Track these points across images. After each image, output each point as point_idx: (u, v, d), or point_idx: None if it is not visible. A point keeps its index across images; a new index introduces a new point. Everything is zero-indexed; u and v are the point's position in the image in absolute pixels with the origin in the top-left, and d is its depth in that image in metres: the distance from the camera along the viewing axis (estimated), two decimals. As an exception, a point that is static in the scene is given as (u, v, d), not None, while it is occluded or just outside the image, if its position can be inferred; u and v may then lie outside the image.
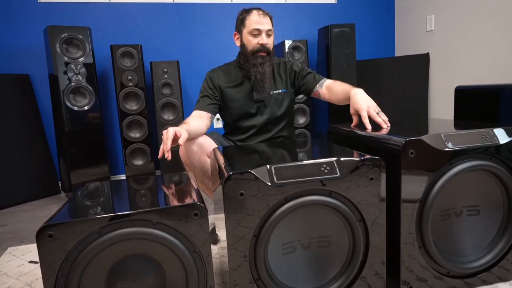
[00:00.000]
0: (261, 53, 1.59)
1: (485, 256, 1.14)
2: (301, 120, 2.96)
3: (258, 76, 1.60)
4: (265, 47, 1.59)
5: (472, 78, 2.68)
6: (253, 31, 1.58)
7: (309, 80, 1.66)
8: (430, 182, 1.06)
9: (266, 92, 1.63)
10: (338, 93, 1.56)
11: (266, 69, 1.59)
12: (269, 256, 0.98)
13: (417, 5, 3.18)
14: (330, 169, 0.99)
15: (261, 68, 1.59)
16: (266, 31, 1.59)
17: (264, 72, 1.59)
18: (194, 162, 1.50)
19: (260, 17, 1.58)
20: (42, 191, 2.66)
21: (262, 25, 1.58)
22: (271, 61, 1.63)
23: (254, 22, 1.58)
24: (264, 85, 1.61)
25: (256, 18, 1.58)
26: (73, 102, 2.46)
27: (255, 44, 1.59)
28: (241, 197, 0.93)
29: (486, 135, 1.10)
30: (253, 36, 1.59)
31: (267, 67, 1.60)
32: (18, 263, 1.54)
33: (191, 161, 1.50)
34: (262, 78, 1.60)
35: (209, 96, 1.64)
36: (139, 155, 2.74)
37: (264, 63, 1.59)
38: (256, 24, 1.57)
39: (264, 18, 1.59)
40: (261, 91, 1.62)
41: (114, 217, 0.84)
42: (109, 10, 2.88)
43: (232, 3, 3.08)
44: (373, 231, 1.03)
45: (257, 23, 1.58)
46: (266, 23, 1.59)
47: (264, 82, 1.60)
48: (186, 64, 3.05)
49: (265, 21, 1.59)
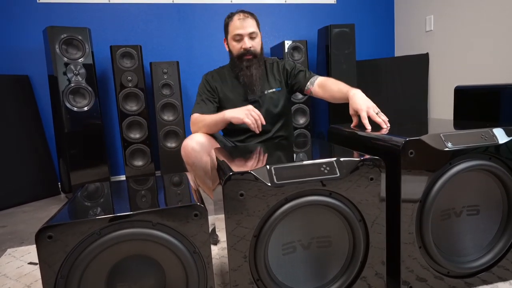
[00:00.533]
0: (246, 56, 1.59)
1: (485, 256, 1.14)
2: (301, 120, 2.96)
3: (246, 79, 1.61)
4: (250, 51, 1.59)
5: (472, 78, 2.68)
6: (235, 36, 1.60)
7: (300, 78, 1.66)
8: (430, 182, 1.06)
9: (256, 94, 1.64)
10: (333, 92, 1.55)
11: (253, 72, 1.60)
12: (269, 257, 0.98)
13: (416, 5, 3.18)
14: (330, 169, 0.99)
15: (248, 71, 1.60)
16: (248, 34, 1.58)
17: (251, 75, 1.60)
18: (195, 162, 1.50)
19: (240, 21, 1.58)
20: (42, 192, 2.66)
21: (243, 30, 1.57)
22: (259, 62, 1.63)
23: (235, 28, 1.59)
24: (254, 88, 1.62)
25: (237, 23, 1.58)
26: (73, 103, 2.46)
27: (239, 49, 1.60)
28: (241, 197, 0.93)
29: (486, 135, 1.10)
30: (236, 41, 1.61)
31: (255, 69, 1.60)
32: (18, 265, 1.54)
33: (192, 161, 1.51)
34: (250, 81, 1.61)
35: (210, 99, 1.65)
36: (139, 155, 2.74)
37: (251, 66, 1.59)
38: (237, 29, 1.58)
39: (245, 21, 1.58)
40: (252, 94, 1.63)
41: (114, 218, 0.84)
42: (109, 10, 2.88)
43: (232, 3, 3.08)
44: (373, 231, 1.03)
45: (238, 28, 1.58)
46: (247, 27, 1.58)
47: (253, 85, 1.61)
48: (186, 64, 3.05)
49: (247, 24, 1.58)
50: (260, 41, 1.65)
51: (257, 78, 1.62)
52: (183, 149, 1.52)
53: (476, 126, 1.16)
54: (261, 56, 1.65)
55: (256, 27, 1.61)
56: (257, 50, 1.61)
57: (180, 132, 2.78)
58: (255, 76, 1.61)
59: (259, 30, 1.65)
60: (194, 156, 1.50)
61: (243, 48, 1.59)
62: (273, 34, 3.22)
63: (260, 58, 1.64)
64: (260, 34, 1.65)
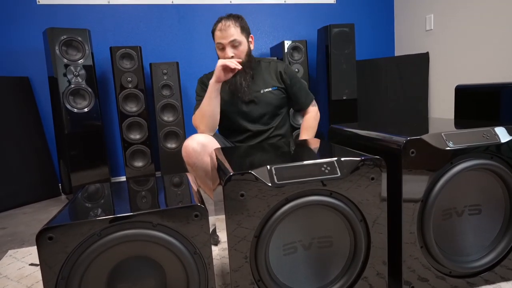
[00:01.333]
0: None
1: (487, 256, 1.14)
2: (301, 120, 2.95)
3: (232, 87, 1.63)
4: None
5: (472, 77, 2.67)
6: (218, 45, 1.61)
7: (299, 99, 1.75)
8: (431, 182, 1.06)
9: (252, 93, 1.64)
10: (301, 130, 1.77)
11: (237, 80, 1.60)
12: (270, 257, 0.98)
13: (416, 4, 3.18)
14: (331, 169, 0.98)
15: (233, 79, 1.60)
16: (228, 43, 1.57)
17: (235, 83, 1.61)
18: (196, 162, 1.50)
19: (221, 31, 1.57)
20: (42, 193, 2.66)
21: (223, 39, 1.57)
22: (245, 70, 1.61)
23: (217, 37, 1.59)
24: (239, 95, 1.62)
25: (218, 33, 1.59)
26: (73, 104, 2.46)
27: (222, 57, 1.60)
28: (241, 198, 0.93)
29: (487, 134, 1.10)
30: (219, 50, 1.62)
31: (239, 78, 1.60)
32: (19, 266, 1.54)
33: (193, 162, 1.51)
34: (236, 89, 1.62)
35: None
36: (139, 156, 2.74)
37: (236, 75, 1.59)
38: (218, 39, 1.59)
39: (226, 31, 1.56)
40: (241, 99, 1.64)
41: (115, 219, 0.84)
42: (109, 12, 2.88)
43: (231, 4, 3.08)
44: (375, 231, 1.02)
45: (219, 38, 1.58)
46: (228, 35, 1.56)
47: (239, 92, 1.61)
48: (186, 65, 3.05)
49: (227, 33, 1.56)
50: (246, 47, 1.62)
51: (242, 85, 1.61)
52: (184, 149, 1.52)
53: (477, 125, 1.16)
54: (247, 63, 1.62)
55: (239, 34, 1.59)
56: (241, 56, 1.60)
57: (180, 132, 2.78)
58: (239, 84, 1.61)
59: (245, 35, 1.63)
60: (195, 157, 1.49)
61: (226, 57, 1.58)
62: (273, 34, 3.22)
63: (246, 65, 1.61)
64: (244, 41, 1.62)
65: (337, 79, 2.82)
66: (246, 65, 1.62)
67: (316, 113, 1.79)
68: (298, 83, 1.74)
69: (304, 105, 1.76)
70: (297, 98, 1.74)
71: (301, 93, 1.74)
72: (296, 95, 1.73)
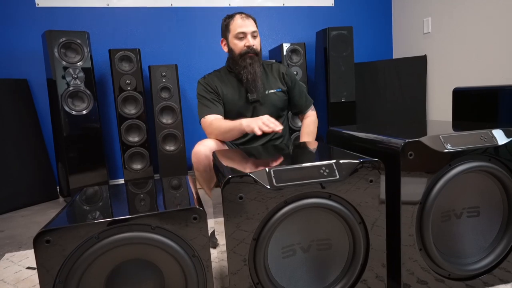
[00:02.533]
0: (250, 54, 1.61)
1: (486, 258, 1.14)
2: (300, 122, 2.95)
3: (250, 76, 1.61)
4: (252, 48, 1.61)
5: (470, 80, 2.68)
6: (238, 34, 1.61)
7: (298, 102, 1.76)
8: (429, 184, 1.06)
9: (259, 91, 1.64)
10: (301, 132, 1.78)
11: (256, 69, 1.61)
12: (269, 260, 0.98)
13: (414, 7, 3.19)
14: (330, 172, 0.98)
15: (251, 68, 1.60)
16: (251, 33, 1.61)
17: (254, 72, 1.61)
18: (207, 168, 1.50)
19: (243, 20, 1.60)
20: (40, 196, 2.65)
21: (246, 28, 1.60)
22: (260, 61, 1.66)
23: (238, 26, 1.60)
24: (257, 84, 1.62)
25: (240, 22, 1.60)
26: (71, 107, 2.46)
27: (242, 47, 1.61)
28: (240, 200, 0.92)
29: (485, 136, 1.10)
30: (238, 39, 1.62)
31: (257, 67, 1.62)
32: (16, 269, 1.53)
33: (204, 168, 1.50)
34: (253, 78, 1.61)
35: (215, 99, 1.63)
36: (137, 159, 2.73)
37: (254, 64, 1.61)
38: (240, 28, 1.60)
39: (248, 20, 1.61)
40: (255, 91, 1.64)
41: (113, 222, 0.84)
42: (108, 14, 2.88)
43: (230, 6, 3.09)
44: (373, 233, 1.02)
45: (241, 26, 1.60)
46: (250, 25, 1.61)
47: (256, 81, 1.62)
48: (185, 67, 3.05)
49: (249, 23, 1.61)
50: (259, 42, 1.67)
51: (260, 76, 1.64)
52: (195, 155, 1.51)
53: (475, 127, 1.16)
54: (260, 56, 1.67)
55: (256, 27, 1.64)
56: (258, 49, 1.64)
57: (179, 135, 2.77)
58: (258, 74, 1.62)
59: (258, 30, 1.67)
60: (206, 164, 1.49)
61: (247, 45, 1.60)
62: (272, 37, 3.22)
63: (260, 58, 1.67)
64: (259, 35, 1.67)
65: (335, 81, 2.83)
66: (260, 58, 1.66)
67: (315, 117, 1.80)
68: (298, 86, 1.75)
69: (304, 108, 1.77)
70: (297, 101, 1.75)
71: (301, 96, 1.75)
72: (296, 98, 1.74)
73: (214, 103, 1.63)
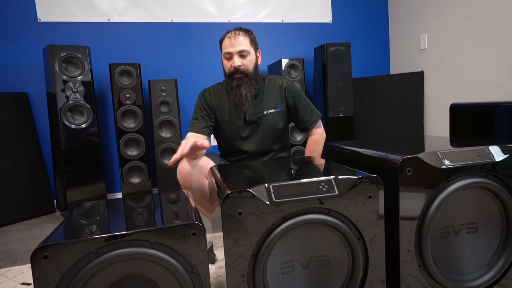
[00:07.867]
0: (236, 75, 1.56)
1: (486, 274, 1.13)
2: (298, 137, 2.97)
3: (236, 99, 1.58)
4: (239, 69, 1.55)
5: (466, 95, 2.71)
6: (225, 54, 1.59)
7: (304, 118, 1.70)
8: (428, 200, 1.06)
9: (246, 113, 1.60)
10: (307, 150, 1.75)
11: (243, 92, 1.56)
12: (267, 276, 0.97)
13: (410, 24, 3.25)
14: (328, 187, 0.99)
15: (238, 90, 1.56)
16: (237, 52, 1.56)
17: (240, 95, 1.56)
18: (192, 185, 1.47)
19: (230, 39, 1.56)
20: (37, 209, 2.63)
21: (232, 48, 1.56)
22: (251, 81, 1.58)
23: (225, 46, 1.58)
24: (243, 107, 1.57)
25: (227, 42, 1.58)
26: (71, 120, 2.47)
27: (229, 67, 1.58)
28: (239, 216, 0.92)
29: (482, 153, 1.11)
30: (226, 59, 1.60)
31: (245, 89, 1.56)
32: (10, 285, 1.51)
33: (189, 184, 1.47)
34: (239, 101, 1.57)
35: (204, 117, 1.61)
36: (136, 173, 2.73)
37: (241, 85, 1.56)
38: (226, 48, 1.58)
39: (236, 39, 1.55)
40: (241, 113, 1.60)
41: (111, 237, 0.83)
42: (108, 29, 2.92)
43: (230, 22, 3.14)
44: (372, 249, 1.02)
45: (227, 46, 1.57)
46: (237, 45, 1.55)
47: (242, 104, 1.57)
48: (184, 82, 3.08)
49: (236, 42, 1.55)
50: (254, 59, 1.61)
51: (247, 98, 1.57)
52: (179, 172, 1.49)
53: (472, 143, 1.18)
54: (254, 75, 1.60)
55: (248, 45, 1.58)
56: (248, 68, 1.57)
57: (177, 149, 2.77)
58: (244, 96, 1.56)
59: (254, 48, 1.61)
60: (191, 180, 1.46)
61: (233, 66, 1.56)
62: (271, 53, 3.27)
63: (252, 77, 1.59)
64: (253, 52, 1.61)
65: (333, 96, 2.86)
66: (252, 77, 1.59)
67: (321, 135, 1.72)
68: (303, 102, 1.68)
69: (308, 124, 1.69)
70: (301, 117, 1.68)
71: (306, 113, 1.68)
72: (301, 114, 1.67)
73: (200, 120, 1.60)
